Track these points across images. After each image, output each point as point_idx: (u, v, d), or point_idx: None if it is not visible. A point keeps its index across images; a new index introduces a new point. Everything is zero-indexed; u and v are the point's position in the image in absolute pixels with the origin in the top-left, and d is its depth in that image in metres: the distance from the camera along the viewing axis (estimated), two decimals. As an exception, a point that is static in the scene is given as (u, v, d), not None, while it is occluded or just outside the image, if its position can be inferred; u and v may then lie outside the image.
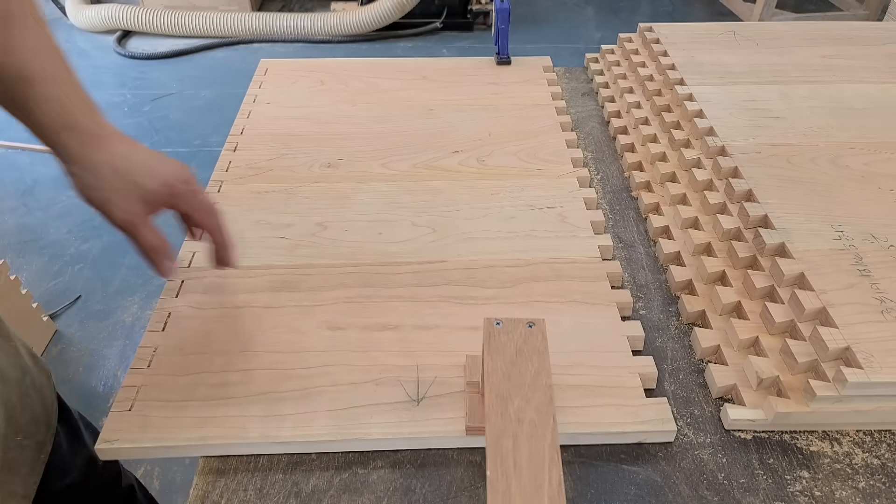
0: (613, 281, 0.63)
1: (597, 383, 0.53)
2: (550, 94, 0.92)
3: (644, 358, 0.56)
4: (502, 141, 0.82)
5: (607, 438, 0.51)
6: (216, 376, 0.54)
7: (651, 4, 3.54)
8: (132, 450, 0.50)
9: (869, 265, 0.58)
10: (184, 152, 2.30)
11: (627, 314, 0.61)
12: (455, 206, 0.72)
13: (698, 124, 0.78)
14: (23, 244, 1.95)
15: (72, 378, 1.57)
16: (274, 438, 0.50)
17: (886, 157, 0.73)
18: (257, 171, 0.77)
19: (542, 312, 0.59)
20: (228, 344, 0.57)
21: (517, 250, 0.66)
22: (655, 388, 0.55)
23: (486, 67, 0.98)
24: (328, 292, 0.61)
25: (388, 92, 0.92)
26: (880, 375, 0.49)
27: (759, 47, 0.95)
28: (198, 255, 0.66)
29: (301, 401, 0.52)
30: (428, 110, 0.87)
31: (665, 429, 0.51)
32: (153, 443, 0.49)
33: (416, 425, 0.51)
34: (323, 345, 0.56)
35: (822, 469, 0.50)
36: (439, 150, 0.80)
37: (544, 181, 0.75)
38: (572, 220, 0.69)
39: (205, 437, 0.50)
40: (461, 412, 0.51)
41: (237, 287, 0.62)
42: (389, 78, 0.95)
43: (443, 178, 0.76)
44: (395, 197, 0.73)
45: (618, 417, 0.51)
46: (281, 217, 0.70)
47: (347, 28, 2.99)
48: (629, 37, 1.03)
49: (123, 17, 3.01)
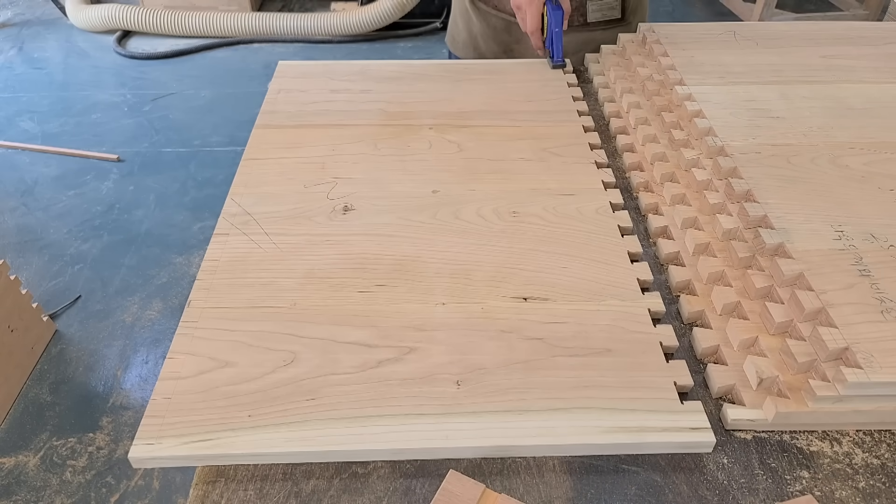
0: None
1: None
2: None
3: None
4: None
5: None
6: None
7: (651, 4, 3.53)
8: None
9: (869, 265, 0.58)
10: (184, 152, 2.30)
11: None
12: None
13: (698, 124, 0.78)
14: (23, 244, 1.95)
15: (72, 378, 1.57)
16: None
17: (886, 157, 0.73)
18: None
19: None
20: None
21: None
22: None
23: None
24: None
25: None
26: (880, 375, 0.49)
27: (759, 47, 0.95)
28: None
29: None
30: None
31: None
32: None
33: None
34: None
35: (822, 469, 0.50)
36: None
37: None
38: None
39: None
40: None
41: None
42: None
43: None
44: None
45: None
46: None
47: (347, 28, 2.99)
48: (629, 37, 1.03)
49: (123, 17, 3.01)
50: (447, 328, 0.58)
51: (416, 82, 0.94)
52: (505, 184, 0.75)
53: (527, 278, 0.63)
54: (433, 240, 0.67)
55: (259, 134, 0.84)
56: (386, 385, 0.53)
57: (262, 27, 3.02)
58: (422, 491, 0.49)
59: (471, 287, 0.62)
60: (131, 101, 2.65)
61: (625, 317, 0.59)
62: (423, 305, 0.60)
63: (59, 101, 2.64)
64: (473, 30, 1.13)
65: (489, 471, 0.50)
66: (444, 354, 0.56)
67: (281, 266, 0.64)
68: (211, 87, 2.75)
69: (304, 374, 0.54)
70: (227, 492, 0.49)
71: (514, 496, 0.48)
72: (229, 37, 3.04)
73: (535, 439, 0.50)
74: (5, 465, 1.40)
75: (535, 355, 0.56)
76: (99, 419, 1.49)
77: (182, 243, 1.96)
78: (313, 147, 0.81)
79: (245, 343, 0.57)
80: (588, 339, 0.57)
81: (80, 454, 1.42)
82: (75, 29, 3.16)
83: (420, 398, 0.52)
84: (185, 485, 1.37)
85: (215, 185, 2.15)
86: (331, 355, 0.56)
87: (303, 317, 0.59)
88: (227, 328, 0.58)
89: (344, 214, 0.71)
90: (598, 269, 0.64)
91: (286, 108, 0.88)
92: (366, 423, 0.51)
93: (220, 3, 3.11)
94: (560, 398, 0.53)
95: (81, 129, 2.47)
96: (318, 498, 0.48)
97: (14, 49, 3.04)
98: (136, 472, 1.39)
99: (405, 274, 0.64)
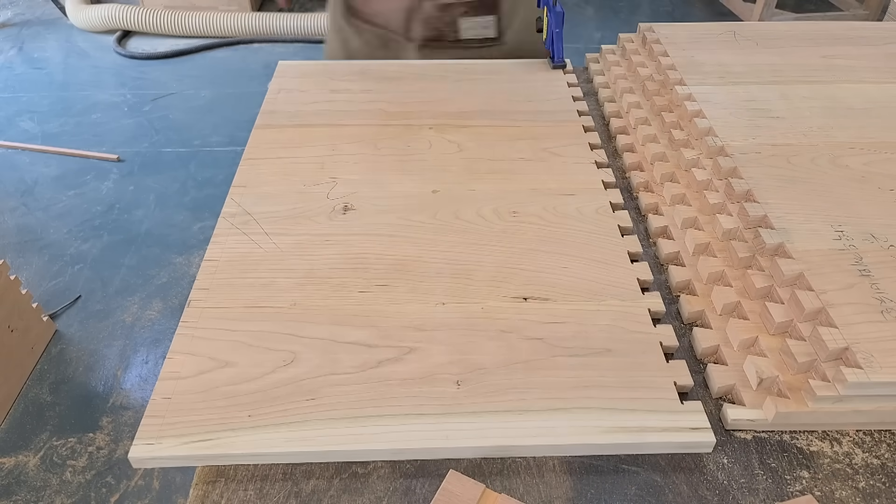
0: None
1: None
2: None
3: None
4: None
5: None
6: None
7: (651, 4, 3.54)
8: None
9: (869, 265, 0.58)
10: (184, 152, 2.30)
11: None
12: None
13: (698, 124, 0.78)
14: (23, 244, 1.95)
15: (72, 378, 1.57)
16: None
17: (886, 157, 0.73)
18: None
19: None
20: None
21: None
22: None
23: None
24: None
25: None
26: (880, 375, 0.49)
27: (759, 47, 0.95)
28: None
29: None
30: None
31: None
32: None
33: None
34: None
35: (822, 469, 0.50)
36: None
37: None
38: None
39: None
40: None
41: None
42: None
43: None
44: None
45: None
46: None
47: (347, 28, 2.99)
48: (629, 37, 1.03)
49: (123, 17, 3.01)
50: (447, 328, 0.58)
51: (416, 82, 0.94)
52: (505, 184, 0.75)
53: (527, 278, 0.63)
54: (433, 240, 0.67)
55: (259, 134, 0.84)
56: (386, 385, 0.53)
57: (262, 27, 3.02)
58: (422, 491, 0.49)
59: (471, 287, 0.62)
60: (131, 101, 2.65)
61: (625, 317, 0.59)
62: (423, 305, 0.60)
63: (59, 101, 2.64)
64: (350, 46, 1.09)
65: (489, 471, 0.50)
66: (444, 354, 0.56)
67: (281, 266, 0.64)
68: (211, 87, 2.75)
69: (304, 374, 0.54)
70: (227, 492, 0.49)
71: (514, 496, 0.48)
72: (229, 37, 3.04)
73: (535, 439, 0.50)
74: (5, 465, 1.40)
75: (535, 355, 0.56)
76: (99, 419, 1.49)
77: (182, 243, 1.96)
78: (313, 147, 0.81)
79: (245, 343, 0.57)
80: (588, 339, 0.57)
81: (80, 454, 1.42)
82: (75, 29, 3.16)
83: (420, 398, 0.52)
84: (185, 485, 1.37)
85: (215, 185, 2.15)
86: (331, 355, 0.56)
87: (303, 317, 0.59)
88: (227, 328, 0.58)
89: (344, 214, 0.71)
90: (598, 269, 0.64)
91: (286, 108, 0.88)
92: (366, 423, 0.51)
93: (220, 3, 3.11)
94: (560, 398, 0.53)
95: (81, 129, 2.47)
96: (318, 498, 0.48)
97: (14, 49, 3.04)
98: (136, 472, 1.39)
99: (405, 274, 0.64)
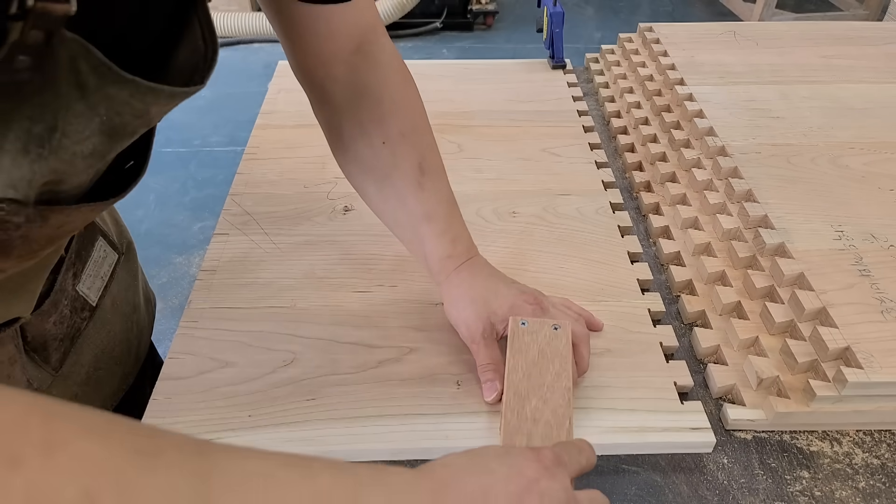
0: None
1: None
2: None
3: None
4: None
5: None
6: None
7: (651, 4, 3.54)
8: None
9: (869, 265, 0.58)
10: (184, 152, 2.30)
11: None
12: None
13: (698, 124, 0.78)
14: (23, 244, 1.95)
15: (72, 378, 1.57)
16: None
17: (886, 157, 0.73)
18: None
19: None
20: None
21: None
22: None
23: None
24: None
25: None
26: (880, 375, 0.49)
27: (759, 47, 0.95)
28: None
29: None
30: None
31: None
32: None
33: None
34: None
35: (822, 469, 0.50)
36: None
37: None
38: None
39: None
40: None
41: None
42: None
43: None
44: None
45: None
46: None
47: (347, 28, 2.99)
48: (629, 37, 1.03)
49: (123, 17, 3.01)
50: (447, 328, 0.58)
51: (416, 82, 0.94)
52: (505, 184, 0.75)
53: (527, 278, 0.63)
54: (433, 240, 0.67)
55: (259, 134, 0.84)
56: (386, 385, 0.53)
57: (263, 27, 3.02)
58: (422, 491, 0.49)
59: None
60: (131, 101, 2.64)
61: (625, 317, 0.59)
62: (422, 305, 0.60)
63: (59, 101, 2.64)
64: None
65: (489, 471, 0.50)
66: (444, 354, 0.56)
67: (281, 266, 0.64)
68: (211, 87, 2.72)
69: (304, 374, 0.54)
70: (227, 492, 0.49)
71: (514, 496, 0.48)
72: (229, 37, 3.04)
73: (535, 439, 0.50)
74: (5, 465, 1.39)
75: (535, 355, 0.56)
76: (99, 419, 1.48)
77: (182, 243, 1.96)
78: (313, 147, 0.81)
79: (245, 343, 0.57)
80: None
81: (80, 454, 1.41)
82: (75, 29, 3.16)
83: (420, 398, 0.52)
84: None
85: (215, 185, 2.15)
86: (331, 355, 0.56)
87: (303, 317, 0.59)
88: (227, 328, 0.58)
89: (344, 214, 0.71)
90: (598, 269, 0.64)
91: (286, 108, 0.88)
92: (366, 423, 0.51)
93: (220, 3, 3.10)
94: (560, 398, 0.52)
95: (81, 129, 2.47)
96: (318, 498, 0.48)
97: (14, 49, 3.03)
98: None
99: (405, 274, 0.63)
